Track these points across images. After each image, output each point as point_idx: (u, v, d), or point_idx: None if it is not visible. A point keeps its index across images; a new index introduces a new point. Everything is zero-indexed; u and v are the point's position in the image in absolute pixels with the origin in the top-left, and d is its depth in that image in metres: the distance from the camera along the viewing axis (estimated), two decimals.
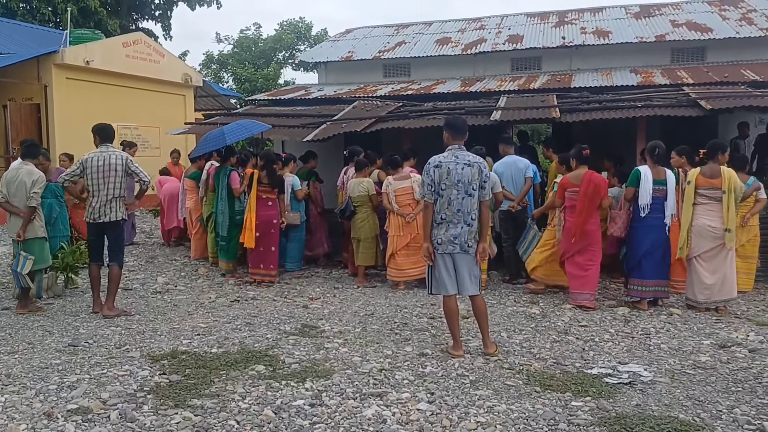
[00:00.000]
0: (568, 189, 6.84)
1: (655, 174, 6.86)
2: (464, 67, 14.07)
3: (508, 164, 8.19)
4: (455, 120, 5.19)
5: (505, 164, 8.16)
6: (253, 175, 7.94)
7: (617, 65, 13.07)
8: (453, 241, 5.02)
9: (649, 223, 6.85)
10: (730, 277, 6.87)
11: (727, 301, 6.83)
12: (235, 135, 8.68)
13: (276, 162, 8.16)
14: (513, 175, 8.15)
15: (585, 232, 6.73)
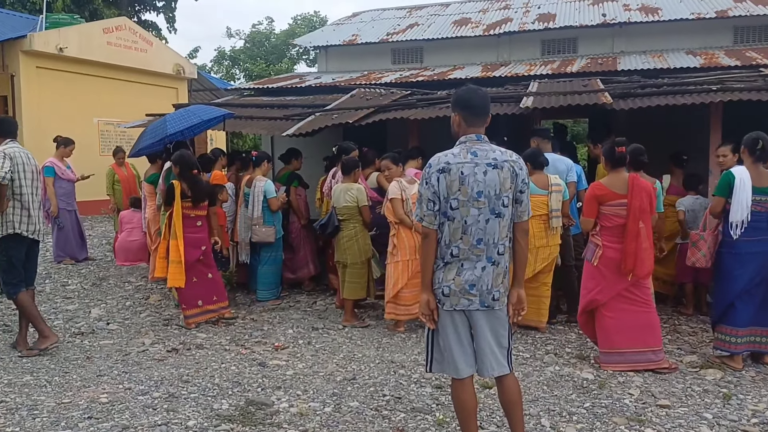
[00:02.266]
0: (606, 203, 4.80)
1: (757, 179, 4.84)
2: (486, 50, 12.06)
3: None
4: (469, 93, 3.20)
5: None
6: (173, 188, 6.00)
7: (669, 47, 10.98)
8: (470, 291, 3.09)
9: (745, 249, 4.83)
10: None
11: None
12: (178, 123, 6.79)
13: (195, 167, 6.12)
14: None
15: (640, 261, 4.72)
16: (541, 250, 5.91)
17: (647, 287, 4.82)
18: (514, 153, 3.20)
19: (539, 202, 5.79)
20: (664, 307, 6.75)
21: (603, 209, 4.78)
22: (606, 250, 4.77)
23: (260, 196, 6.81)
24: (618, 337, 4.79)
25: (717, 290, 5.09)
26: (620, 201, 4.71)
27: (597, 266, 4.82)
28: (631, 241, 4.64)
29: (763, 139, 4.85)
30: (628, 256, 4.64)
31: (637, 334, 4.78)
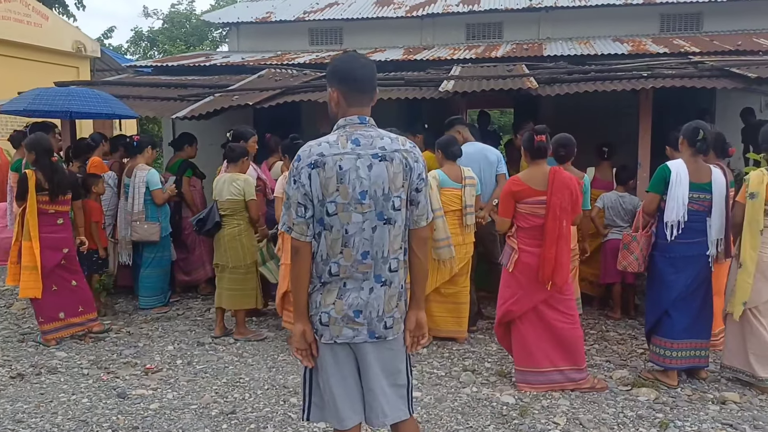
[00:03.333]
0: (523, 200, 4.17)
1: (695, 174, 4.33)
2: (409, 33, 11.37)
3: (474, 156, 5.55)
4: (349, 62, 2.44)
5: (470, 156, 5.52)
6: (26, 179, 4.98)
7: (596, 34, 10.59)
8: (355, 319, 2.37)
9: (680, 252, 4.32)
10: None
11: None
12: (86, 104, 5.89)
13: (52, 153, 5.12)
14: (482, 171, 5.54)
15: (560, 268, 4.09)
16: (458, 249, 5.28)
17: (570, 298, 4.23)
18: (408, 140, 2.49)
19: (452, 196, 5.18)
20: (591, 311, 6.27)
21: (520, 207, 4.15)
22: (522, 255, 4.14)
23: (141, 188, 5.88)
24: (537, 353, 4.19)
25: (649, 297, 4.57)
26: (539, 198, 4.08)
27: (513, 273, 4.19)
28: (551, 244, 4.02)
29: (704, 129, 4.34)
30: (546, 262, 4.03)
31: (558, 350, 4.19)
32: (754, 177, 4.20)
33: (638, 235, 4.46)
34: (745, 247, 4.19)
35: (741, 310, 4.22)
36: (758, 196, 4.14)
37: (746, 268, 4.18)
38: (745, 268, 4.19)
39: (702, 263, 4.35)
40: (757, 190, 4.15)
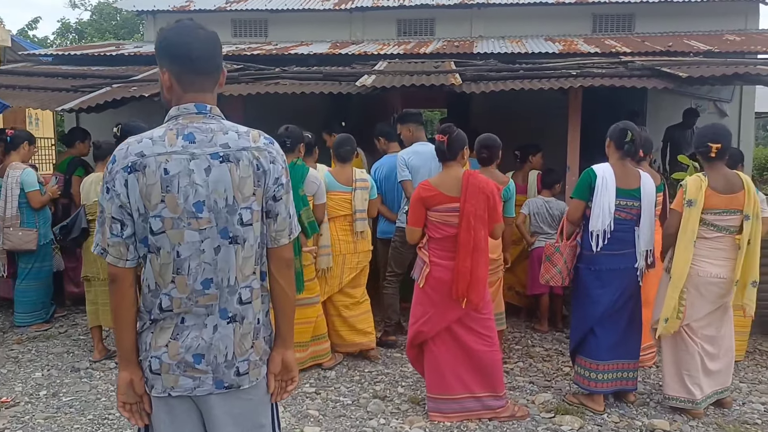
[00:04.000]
0: (434, 207, 3.72)
1: (623, 179, 3.98)
2: (338, 27, 10.84)
3: (425, 156, 5.06)
4: (181, 35, 1.85)
5: (421, 155, 5.05)
6: None
7: (529, 33, 10.32)
8: (195, 365, 1.84)
9: (607, 264, 3.95)
10: (731, 352, 4.14)
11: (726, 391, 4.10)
12: None
13: None
14: (432, 173, 5.07)
15: (475, 283, 3.65)
16: (349, 257, 4.84)
17: (487, 317, 3.79)
18: (264, 134, 1.97)
19: (341, 199, 4.80)
20: (518, 323, 5.92)
21: (431, 215, 3.69)
22: (434, 269, 3.68)
23: (15, 190, 5.16)
24: (450, 379, 3.73)
25: (574, 314, 4.19)
26: (451, 205, 3.63)
27: (424, 289, 3.73)
28: (465, 257, 3.57)
29: (632, 130, 3.99)
30: (460, 277, 3.58)
31: (474, 375, 3.75)
32: (691, 183, 3.86)
33: (562, 246, 4.07)
34: (677, 260, 3.85)
35: (664, 327, 3.87)
36: (696, 204, 3.81)
37: (674, 282, 3.84)
38: (673, 281, 3.85)
39: (630, 277, 4.00)
40: (695, 198, 3.81)
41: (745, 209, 3.89)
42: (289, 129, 4.51)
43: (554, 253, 4.07)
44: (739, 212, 3.89)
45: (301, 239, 4.42)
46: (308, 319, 4.56)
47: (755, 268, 3.92)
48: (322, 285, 4.76)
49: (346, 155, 4.93)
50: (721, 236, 3.91)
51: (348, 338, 4.84)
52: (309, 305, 4.57)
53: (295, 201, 4.38)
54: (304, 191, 4.41)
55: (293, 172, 4.40)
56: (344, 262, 4.85)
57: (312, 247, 4.57)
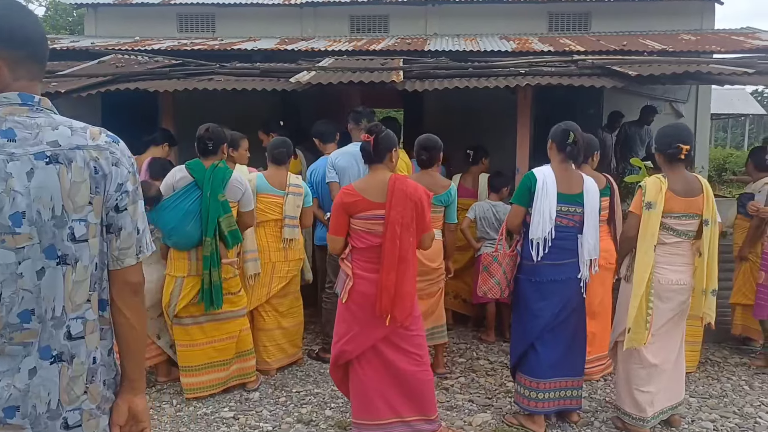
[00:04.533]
0: (357, 214, 3.35)
1: (565, 183, 3.71)
2: (288, 23, 10.46)
3: (356, 156, 4.72)
4: (12, 10, 1.51)
5: (350, 156, 4.72)
6: None
7: (484, 31, 10.09)
8: (5, 421, 1.46)
9: (548, 275, 3.68)
10: (683, 365, 3.91)
11: (678, 406, 3.87)
12: None
13: None
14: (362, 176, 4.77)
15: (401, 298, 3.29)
16: (279, 266, 4.55)
17: (417, 333, 3.46)
18: (107, 132, 1.62)
19: (272, 203, 4.53)
20: (465, 332, 5.64)
21: (354, 223, 3.36)
22: (358, 282, 3.34)
23: None
24: (377, 402, 3.39)
25: (515, 328, 3.91)
26: (376, 212, 3.30)
27: (347, 304, 3.39)
28: (389, 269, 3.24)
29: (574, 131, 3.71)
30: (384, 292, 3.24)
31: (402, 397, 3.41)
32: (651, 185, 3.60)
33: (500, 256, 3.78)
34: (638, 266, 3.58)
35: (630, 339, 3.60)
36: (656, 207, 3.55)
37: (635, 291, 3.57)
38: (633, 289, 3.59)
39: (573, 288, 3.73)
40: (654, 200, 3.55)
41: (704, 214, 3.67)
42: (210, 129, 4.15)
43: (492, 264, 3.78)
44: (698, 216, 3.67)
45: (221, 250, 4.07)
46: (231, 334, 4.21)
47: (714, 275, 3.72)
48: (248, 295, 4.44)
49: (281, 157, 4.65)
50: (680, 241, 3.68)
51: (276, 356, 4.52)
52: (232, 319, 4.22)
53: (215, 207, 4.06)
54: (225, 196, 4.05)
55: (214, 175, 4.04)
56: (273, 271, 4.56)
57: (233, 259, 4.21)
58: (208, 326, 4.14)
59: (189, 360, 4.12)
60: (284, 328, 4.64)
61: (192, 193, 4.02)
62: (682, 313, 3.77)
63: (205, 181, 3.99)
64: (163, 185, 4.08)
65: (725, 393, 4.34)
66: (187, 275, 4.05)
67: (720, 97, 32.42)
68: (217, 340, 4.16)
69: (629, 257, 3.76)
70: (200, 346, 4.14)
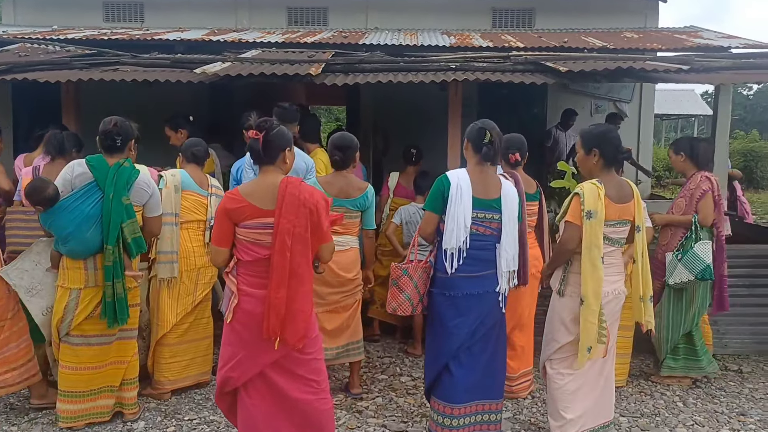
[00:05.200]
0: (243, 222, 2.90)
1: (482, 187, 3.37)
2: (222, 15, 9.92)
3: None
4: None
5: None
6: None
7: (427, 26, 9.74)
8: None
9: (464, 288, 3.34)
10: (612, 380, 3.61)
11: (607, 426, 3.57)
12: None
13: None
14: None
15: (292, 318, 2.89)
16: (203, 272, 4.17)
17: (313, 357, 3.05)
18: None
19: (196, 202, 4.17)
20: (392, 344, 5.29)
21: (239, 233, 2.94)
22: (244, 300, 2.92)
23: None
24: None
25: (428, 348, 3.55)
26: (263, 220, 2.88)
27: (232, 324, 2.97)
28: (278, 286, 2.83)
29: (491, 130, 3.37)
30: (272, 311, 2.83)
31: (296, 429, 3.01)
32: (589, 192, 3.29)
33: (411, 268, 3.41)
34: (586, 280, 3.27)
35: (587, 357, 3.30)
36: (596, 215, 3.24)
37: (589, 306, 3.27)
38: (587, 305, 3.27)
39: (491, 303, 3.39)
40: (595, 208, 3.24)
41: (636, 220, 3.41)
42: (117, 123, 3.66)
43: (401, 277, 3.41)
44: (630, 223, 3.42)
45: (125, 260, 3.60)
46: (124, 358, 3.77)
47: (649, 281, 3.51)
48: (173, 305, 4.04)
49: (200, 156, 4.35)
50: (614, 250, 3.44)
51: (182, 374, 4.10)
52: (129, 339, 3.79)
53: (118, 211, 3.47)
54: (129, 199, 3.59)
55: (118, 175, 3.57)
56: (198, 277, 4.17)
57: (137, 273, 3.75)
58: (99, 349, 3.67)
59: (71, 384, 3.64)
60: (190, 341, 4.21)
61: (93, 194, 3.54)
62: (613, 325, 3.49)
63: (108, 182, 3.52)
64: (60, 180, 3.57)
65: (658, 411, 4.07)
66: (84, 287, 3.58)
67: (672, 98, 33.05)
68: (107, 363, 3.70)
69: (561, 270, 3.45)
70: (87, 369, 3.67)
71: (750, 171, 19.62)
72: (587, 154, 3.42)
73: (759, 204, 15.41)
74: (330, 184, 4.05)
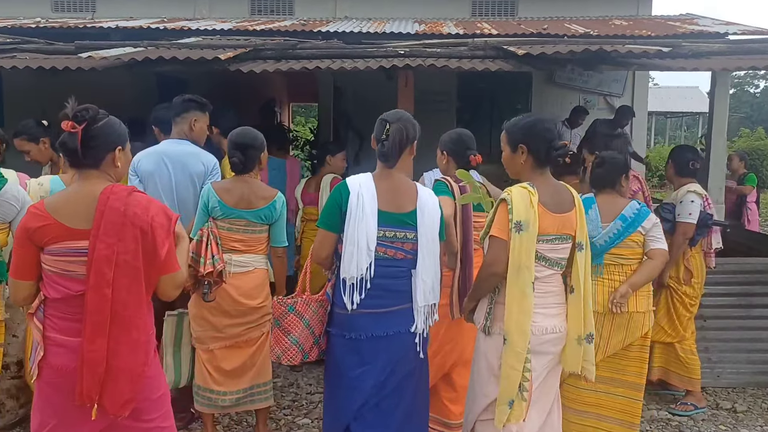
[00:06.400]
0: (49, 245, 2.11)
1: (391, 197, 2.62)
2: (181, 4, 9.23)
3: (170, 156, 3.64)
4: None
5: (161, 156, 3.63)
6: None
7: (400, 15, 9.00)
8: None
9: (368, 328, 2.60)
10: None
11: None
12: None
13: None
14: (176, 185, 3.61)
15: (116, 377, 2.12)
16: None
17: (158, 425, 2.26)
18: None
19: None
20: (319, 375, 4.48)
21: (44, 261, 2.16)
22: (52, 352, 2.15)
23: None
24: None
25: (326, 403, 2.79)
26: (74, 245, 2.12)
27: (39, 384, 2.21)
28: (95, 334, 2.04)
29: (393, 122, 2.62)
30: (86, 367, 2.06)
31: None
32: (518, 197, 2.50)
33: (300, 303, 2.65)
34: (511, 311, 2.49)
35: (510, 415, 2.51)
36: (529, 228, 2.46)
37: (512, 346, 2.48)
38: (510, 345, 2.49)
39: (404, 346, 2.64)
40: (526, 219, 2.47)
41: (577, 235, 2.61)
42: None
43: (286, 315, 2.65)
44: (571, 239, 2.62)
45: None
46: None
47: (590, 316, 2.66)
48: None
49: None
50: (552, 274, 2.63)
51: None
52: None
53: None
54: None
55: None
56: None
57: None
58: None
59: None
60: None
61: None
62: (555, 370, 2.71)
63: None
64: None
65: None
66: None
67: (677, 95, 32.10)
68: None
69: (487, 301, 2.67)
70: None
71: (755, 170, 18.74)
72: (513, 151, 2.64)
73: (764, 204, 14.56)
74: (227, 192, 3.31)
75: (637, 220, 3.40)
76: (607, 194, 3.54)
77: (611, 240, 3.40)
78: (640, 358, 3.40)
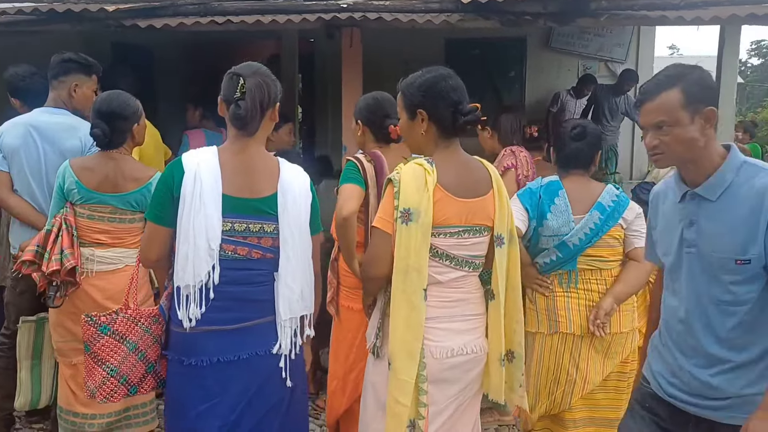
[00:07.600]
0: None
1: (240, 178, 1.95)
2: None
3: (40, 128, 3.03)
4: None
5: (28, 129, 3.02)
6: None
7: None
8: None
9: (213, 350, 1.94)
10: None
11: None
12: None
13: None
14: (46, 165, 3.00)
15: None
16: None
17: None
18: None
19: None
20: None
21: None
22: None
23: None
24: None
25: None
26: None
27: None
28: None
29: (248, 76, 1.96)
30: None
31: None
32: (407, 179, 1.87)
33: (119, 320, 2.02)
34: (395, 327, 1.87)
35: None
36: (420, 217, 1.84)
37: (396, 372, 1.88)
38: (395, 372, 1.88)
39: (263, 373, 2.00)
40: (415, 206, 1.84)
41: (496, 225, 1.96)
42: None
43: (98, 338, 2.01)
44: (487, 230, 1.98)
45: None
46: None
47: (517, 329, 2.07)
48: None
49: None
50: (462, 276, 1.98)
51: None
52: None
53: None
54: None
55: None
56: None
57: None
58: None
59: None
60: None
61: None
62: (473, 402, 2.07)
63: None
64: None
65: None
66: None
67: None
68: None
69: (377, 314, 2.03)
70: None
71: None
72: (411, 118, 1.98)
73: None
74: (89, 171, 2.69)
75: (617, 209, 2.61)
76: (578, 177, 2.69)
77: (588, 237, 2.56)
78: (617, 389, 2.66)
